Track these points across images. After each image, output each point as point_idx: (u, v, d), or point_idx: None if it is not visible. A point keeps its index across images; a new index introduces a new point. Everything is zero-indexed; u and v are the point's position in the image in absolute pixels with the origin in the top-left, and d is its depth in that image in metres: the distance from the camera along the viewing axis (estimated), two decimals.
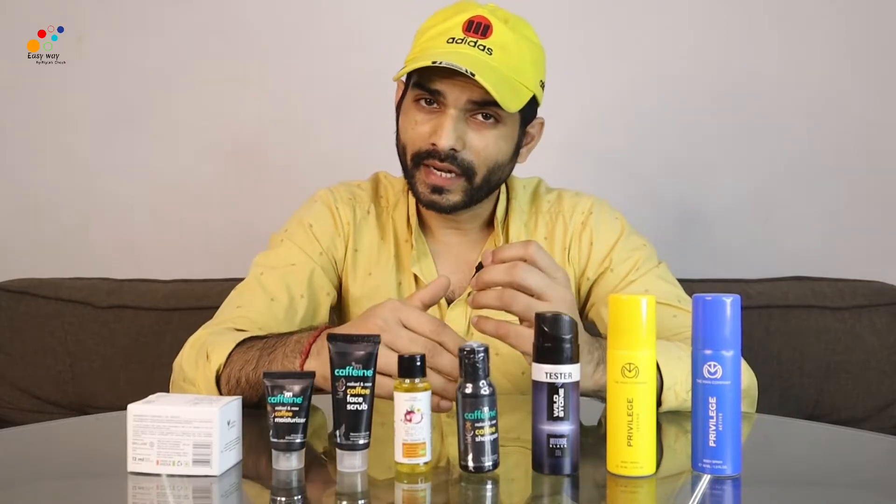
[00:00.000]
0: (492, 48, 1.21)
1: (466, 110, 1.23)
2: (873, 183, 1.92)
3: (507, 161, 1.29)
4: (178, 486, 0.84)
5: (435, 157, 1.23)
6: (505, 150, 1.27)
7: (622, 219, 1.40)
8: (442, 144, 1.22)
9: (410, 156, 1.27)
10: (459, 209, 1.28)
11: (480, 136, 1.24)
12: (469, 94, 1.21)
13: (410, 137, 1.27)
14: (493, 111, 1.23)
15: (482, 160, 1.25)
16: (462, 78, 1.19)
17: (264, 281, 1.31)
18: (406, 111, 1.29)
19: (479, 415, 0.84)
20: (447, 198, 1.26)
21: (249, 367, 1.09)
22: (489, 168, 1.26)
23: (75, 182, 2.02)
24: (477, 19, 1.22)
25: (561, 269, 1.02)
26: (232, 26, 1.99)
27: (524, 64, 1.24)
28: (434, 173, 1.24)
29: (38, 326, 1.76)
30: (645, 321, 0.84)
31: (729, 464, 0.84)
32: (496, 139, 1.25)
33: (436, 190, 1.25)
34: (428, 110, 1.25)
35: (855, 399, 1.67)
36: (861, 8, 1.90)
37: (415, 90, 1.26)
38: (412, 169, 1.27)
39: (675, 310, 1.27)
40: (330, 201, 1.39)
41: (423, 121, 1.25)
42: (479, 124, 1.24)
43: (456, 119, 1.22)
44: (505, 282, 0.98)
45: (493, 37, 1.21)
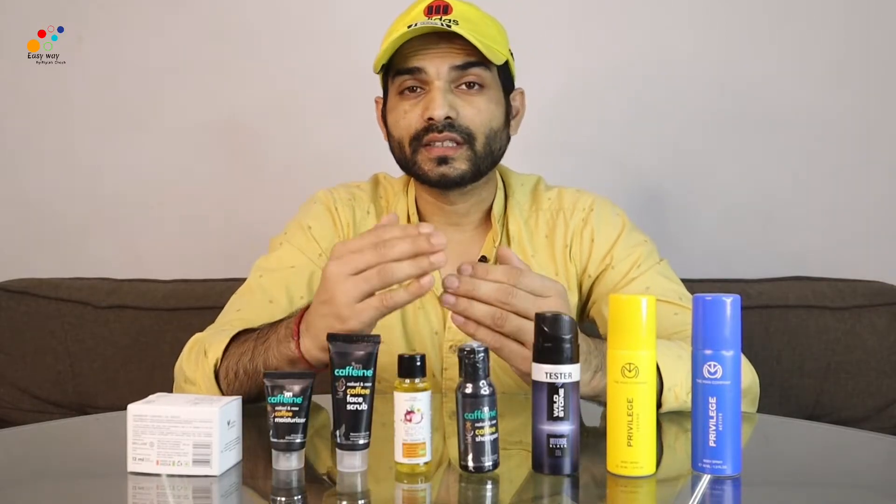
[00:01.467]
0: (457, 20, 1.23)
1: (451, 80, 1.25)
2: (873, 183, 1.92)
3: (501, 127, 1.31)
4: (178, 486, 0.84)
5: (433, 129, 1.25)
6: (497, 116, 1.29)
7: (623, 215, 1.40)
8: (437, 114, 1.23)
9: (408, 141, 1.28)
10: (468, 179, 1.28)
11: (470, 103, 1.26)
12: (450, 61, 1.24)
13: (404, 125, 1.28)
14: (476, 76, 1.26)
15: (478, 126, 1.26)
16: (439, 47, 1.23)
17: (264, 283, 1.31)
18: (392, 108, 1.30)
19: (479, 415, 0.84)
20: (454, 167, 1.26)
21: (246, 359, 1.10)
22: (486, 134, 1.27)
23: (75, 182, 2.02)
24: (436, 3, 1.26)
25: (554, 285, 1.01)
26: (231, 26, 1.99)
27: (492, 32, 1.28)
28: (436, 146, 1.25)
29: (38, 326, 1.76)
30: (645, 321, 0.84)
31: (729, 464, 0.84)
32: (486, 104, 1.27)
33: (442, 161, 1.26)
34: (413, 96, 1.27)
35: (855, 399, 1.67)
36: (861, 8, 1.90)
37: (396, 80, 1.28)
38: (412, 155, 1.28)
39: (677, 307, 1.27)
40: (329, 202, 1.39)
41: (411, 107, 1.27)
42: (466, 93, 1.27)
43: (444, 90, 1.25)
44: (498, 302, 0.97)
45: (454, 13, 1.25)
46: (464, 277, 0.99)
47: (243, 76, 1.99)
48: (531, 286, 0.98)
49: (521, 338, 0.97)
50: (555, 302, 0.99)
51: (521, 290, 0.97)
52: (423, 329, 1.33)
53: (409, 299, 0.99)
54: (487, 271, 0.99)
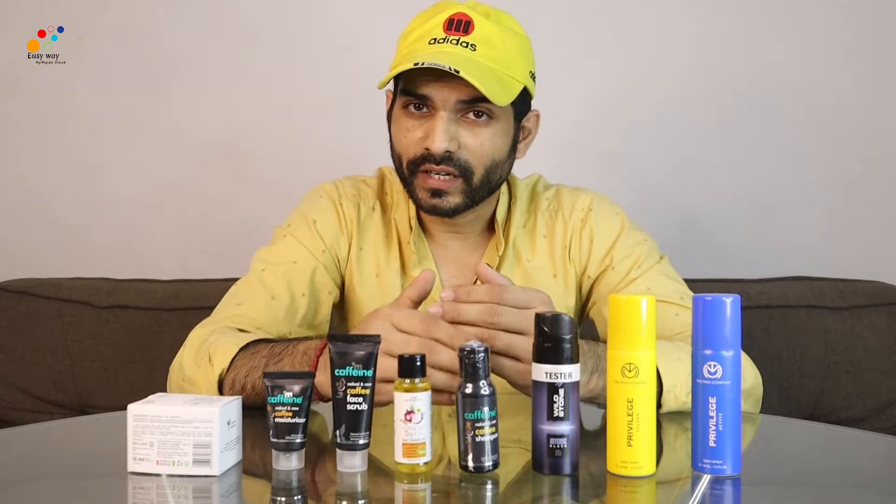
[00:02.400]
0: (475, 44, 1.19)
1: (457, 110, 1.21)
2: (873, 183, 1.92)
3: (504, 158, 1.27)
4: (178, 486, 0.84)
5: (430, 160, 1.21)
6: (501, 147, 1.25)
7: (622, 214, 1.38)
8: (435, 148, 1.20)
9: (406, 164, 1.25)
10: (461, 211, 1.26)
11: (474, 134, 1.22)
12: (457, 94, 1.19)
13: (404, 145, 1.25)
14: (484, 108, 1.21)
15: (478, 159, 1.23)
16: (448, 78, 1.17)
17: (265, 278, 1.30)
18: (396, 119, 1.27)
19: (479, 415, 0.84)
20: (447, 200, 1.23)
21: (255, 375, 1.08)
22: (486, 167, 1.24)
23: (75, 182, 2.02)
24: (457, 17, 1.20)
25: (537, 294, 1.00)
26: (231, 26, 1.99)
27: (511, 56, 1.22)
28: (432, 177, 1.22)
29: (38, 326, 1.76)
30: (645, 321, 0.84)
31: (729, 464, 0.84)
32: (491, 136, 1.23)
33: (435, 194, 1.23)
34: (418, 116, 1.23)
35: (855, 399, 1.67)
36: (861, 8, 1.90)
37: (402, 97, 1.24)
38: (409, 177, 1.26)
39: (678, 308, 1.26)
40: (335, 197, 1.38)
41: (414, 127, 1.23)
42: (472, 123, 1.22)
43: (447, 121, 1.20)
44: (484, 323, 0.96)
45: (475, 32, 1.19)
46: (446, 304, 0.97)
47: (243, 76, 1.99)
48: (515, 300, 0.97)
49: (513, 353, 0.97)
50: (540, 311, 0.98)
51: (505, 308, 0.97)
52: None
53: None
54: (469, 293, 0.98)
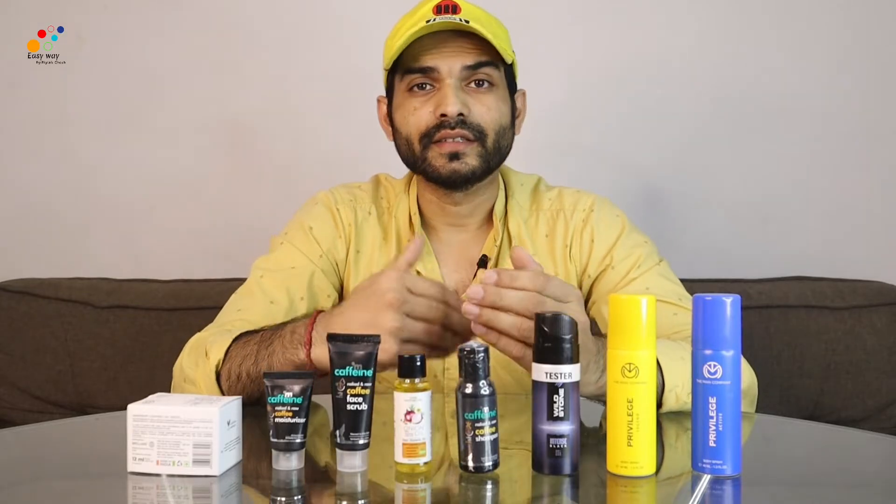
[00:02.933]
0: (468, 19, 1.24)
1: (461, 79, 1.26)
2: (873, 183, 1.92)
3: (508, 125, 1.32)
4: (178, 486, 0.84)
5: (445, 126, 1.25)
6: (505, 113, 1.31)
7: (623, 216, 1.40)
8: (450, 110, 1.24)
9: (419, 138, 1.28)
10: (479, 176, 1.29)
11: (480, 101, 1.28)
12: (462, 60, 1.26)
13: (414, 123, 1.28)
14: (485, 75, 1.27)
15: (489, 122, 1.28)
16: (450, 46, 1.24)
17: (264, 284, 1.31)
18: (400, 105, 1.30)
19: (479, 415, 0.84)
20: (466, 162, 1.26)
21: (249, 362, 1.10)
22: (496, 131, 1.29)
23: (75, 182, 2.02)
24: (444, 2, 1.26)
25: (573, 291, 0.99)
26: (232, 26, 1.99)
27: (499, 32, 1.30)
28: (448, 141, 1.26)
29: (38, 326, 1.76)
30: (645, 321, 0.84)
31: (729, 464, 0.84)
32: (496, 102, 1.29)
33: (453, 156, 1.26)
34: (423, 94, 1.28)
35: (855, 399, 1.67)
36: (862, 8, 1.90)
37: (406, 78, 1.28)
38: (423, 151, 1.28)
39: (676, 308, 1.27)
40: (330, 203, 1.39)
41: (421, 104, 1.28)
42: (476, 91, 1.28)
43: (455, 87, 1.26)
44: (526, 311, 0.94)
45: (463, 12, 1.25)
46: (489, 287, 0.95)
47: (243, 76, 1.99)
48: (556, 292, 0.96)
49: None
50: (575, 307, 0.98)
51: (548, 298, 0.95)
52: None
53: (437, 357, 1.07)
54: (513, 279, 0.95)
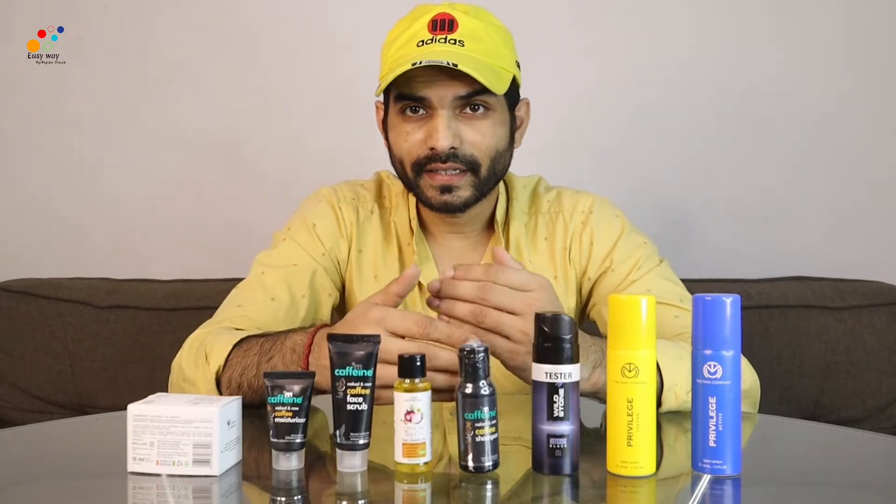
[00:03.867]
0: (463, 40, 1.21)
1: (455, 107, 1.23)
2: (873, 183, 1.92)
3: (506, 148, 1.29)
4: (178, 486, 0.84)
5: (436, 159, 1.23)
6: (502, 137, 1.28)
7: (622, 217, 1.39)
8: (440, 146, 1.21)
9: (410, 166, 1.26)
10: (471, 204, 1.27)
11: (474, 128, 1.24)
12: (454, 91, 1.21)
13: (406, 149, 1.26)
14: (480, 101, 1.23)
15: (483, 152, 1.25)
16: (444, 77, 1.19)
17: (265, 280, 1.31)
18: (394, 126, 1.28)
19: (479, 415, 0.84)
20: (458, 195, 1.25)
21: (251, 373, 1.09)
22: (491, 158, 1.26)
23: (75, 182, 2.02)
24: (440, 17, 1.22)
25: (537, 279, 1.02)
26: (231, 26, 1.99)
27: (498, 47, 1.25)
28: (439, 174, 1.24)
29: (38, 326, 1.76)
30: (645, 321, 0.84)
31: (729, 464, 0.84)
32: (491, 128, 1.25)
33: (445, 189, 1.25)
34: (416, 118, 1.25)
35: (855, 399, 1.67)
36: (861, 8, 1.90)
37: (398, 102, 1.25)
38: (415, 179, 1.27)
39: (677, 310, 1.27)
40: (333, 201, 1.39)
41: (413, 129, 1.25)
42: (470, 117, 1.24)
43: (447, 118, 1.22)
44: (476, 299, 0.99)
45: (460, 29, 1.22)
46: (445, 279, 1.01)
47: (243, 76, 1.99)
48: (509, 281, 1.00)
49: (503, 332, 0.99)
50: (537, 295, 1.00)
51: (498, 286, 0.99)
52: None
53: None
54: (467, 272, 1.01)
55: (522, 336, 0.99)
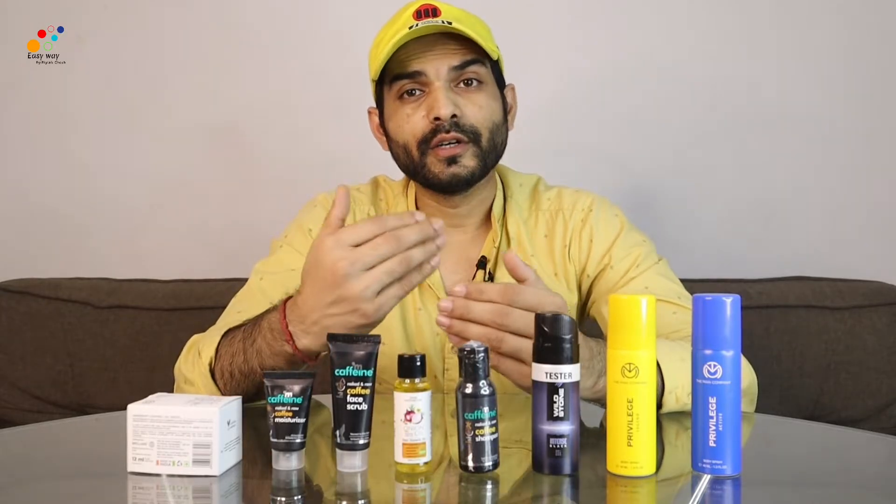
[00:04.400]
0: (450, 21, 1.24)
1: (450, 80, 1.26)
2: (873, 183, 1.92)
3: (501, 121, 1.32)
4: (178, 486, 0.84)
5: (440, 131, 1.25)
6: (497, 110, 1.31)
7: (621, 215, 1.40)
8: (443, 113, 1.24)
9: (416, 145, 1.28)
10: (478, 176, 1.29)
11: (471, 100, 1.27)
12: (449, 62, 1.26)
13: (409, 129, 1.28)
14: (473, 74, 1.27)
15: (482, 122, 1.28)
16: (436, 49, 1.24)
17: (264, 286, 1.31)
18: (393, 114, 1.31)
19: (479, 415, 0.84)
20: (464, 164, 1.27)
21: (239, 360, 1.11)
22: (490, 129, 1.29)
23: (75, 182, 2.02)
24: (423, 7, 1.26)
25: (553, 299, 0.98)
26: (232, 27, 1.99)
27: (482, 31, 1.29)
28: (444, 147, 1.26)
29: (38, 326, 1.76)
30: (645, 321, 0.84)
31: (729, 464, 0.84)
32: (486, 99, 1.29)
33: (451, 161, 1.27)
34: (414, 99, 1.28)
35: (855, 399, 1.67)
36: (861, 8, 1.90)
37: (395, 86, 1.28)
38: (421, 158, 1.28)
39: (675, 307, 1.27)
40: (328, 205, 1.39)
41: (413, 110, 1.28)
42: (465, 91, 1.28)
43: (445, 89, 1.26)
44: (493, 323, 0.95)
45: (444, 14, 1.25)
46: (457, 300, 0.96)
47: (243, 77, 1.99)
48: (528, 303, 0.95)
49: (519, 357, 0.95)
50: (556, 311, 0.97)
51: (516, 310, 0.95)
52: (424, 330, 1.33)
53: (421, 280, 1.01)
54: (481, 291, 0.96)
55: None
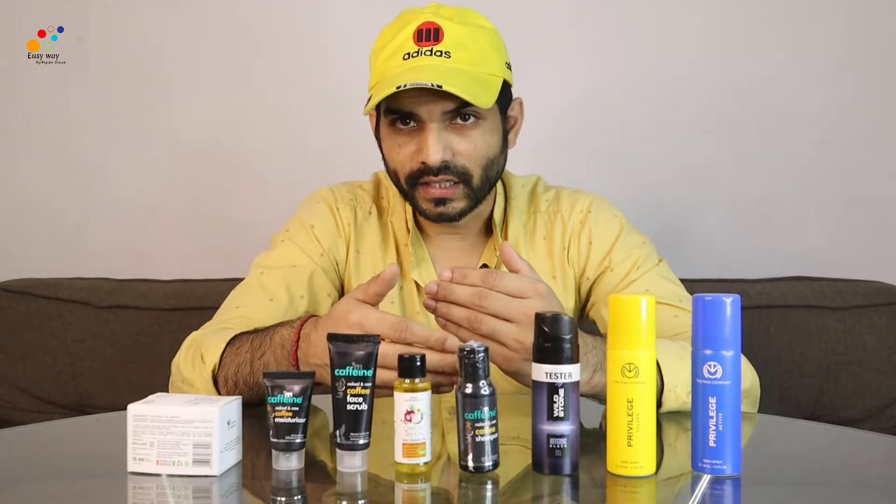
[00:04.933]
0: (449, 51, 1.20)
1: (445, 119, 1.22)
2: (873, 183, 1.92)
3: (498, 153, 1.29)
4: (178, 486, 0.84)
5: (428, 173, 1.23)
6: (493, 144, 1.27)
7: (621, 216, 1.39)
8: (431, 160, 1.21)
9: (404, 179, 1.27)
10: (467, 213, 1.28)
11: (466, 139, 1.24)
12: (442, 106, 1.21)
13: (399, 161, 1.26)
14: (471, 111, 1.23)
15: (474, 161, 1.24)
16: (432, 92, 1.18)
17: (264, 281, 1.31)
18: (386, 137, 1.28)
19: (479, 415, 0.84)
20: (453, 206, 1.25)
21: (245, 371, 1.10)
22: (483, 167, 1.26)
23: (75, 182, 2.02)
24: (425, 26, 1.21)
25: (534, 285, 1.00)
26: (232, 26, 1.99)
27: (485, 54, 1.23)
28: (433, 187, 1.24)
29: (38, 326, 1.76)
30: (645, 321, 0.84)
31: (729, 464, 0.84)
32: (482, 136, 1.25)
33: (439, 202, 1.25)
34: (407, 131, 1.24)
35: (855, 399, 1.67)
36: (861, 9, 1.90)
37: (388, 116, 1.25)
38: (410, 190, 1.27)
39: (676, 309, 1.27)
40: (331, 201, 1.39)
41: (405, 142, 1.25)
42: (461, 128, 1.23)
43: (437, 131, 1.21)
44: (472, 305, 0.99)
45: (446, 38, 1.20)
46: (442, 283, 1.01)
47: (243, 76, 1.99)
48: (507, 288, 0.99)
49: (498, 338, 0.99)
50: (534, 303, 0.98)
51: (494, 293, 0.98)
52: None
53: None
54: (464, 276, 1.00)
55: (517, 344, 0.98)
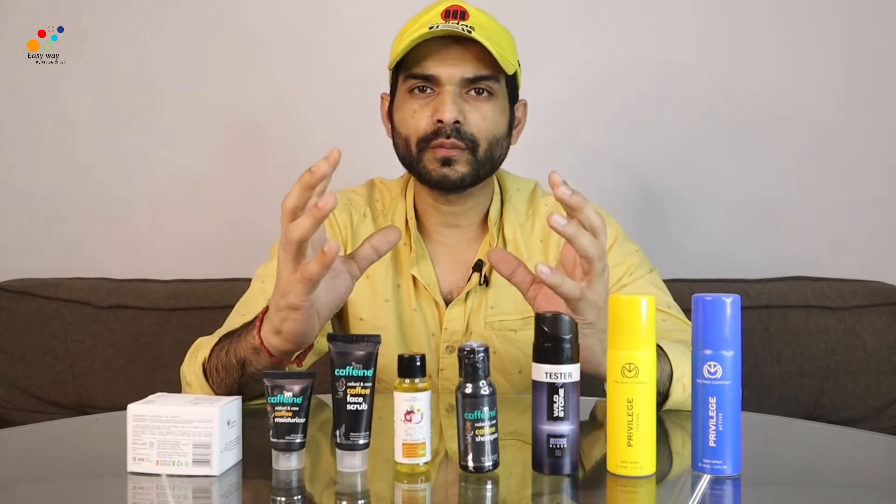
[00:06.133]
0: (473, 27, 1.26)
1: (461, 86, 1.28)
2: (873, 183, 1.92)
3: (503, 135, 1.33)
4: (178, 486, 0.84)
5: (441, 134, 1.27)
6: (501, 124, 1.31)
7: (617, 225, 1.41)
8: (447, 117, 1.25)
9: (416, 142, 1.29)
10: (468, 182, 1.30)
11: (477, 110, 1.28)
12: (462, 72, 1.27)
13: (412, 125, 1.29)
14: (485, 86, 1.28)
15: (482, 133, 1.28)
16: (454, 57, 1.26)
17: (266, 289, 1.32)
18: (401, 105, 1.32)
19: (479, 415, 0.84)
20: (456, 169, 1.28)
21: (223, 353, 1.14)
22: (489, 141, 1.29)
23: (75, 182, 2.02)
24: (453, 8, 1.28)
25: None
26: (232, 26, 1.99)
27: (504, 42, 1.30)
28: (441, 148, 1.27)
29: (38, 326, 1.76)
30: (645, 321, 0.84)
31: (729, 464, 0.84)
32: (492, 111, 1.29)
33: (445, 162, 1.27)
34: (423, 97, 1.29)
35: (855, 399, 1.67)
36: (861, 8, 1.90)
37: (408, 81, 1.30)
38: (419, 154, 1.29)
39: (664, 314, 1.29)
40: None
41: (420, 107, 1.29)
42: (475, 99, 1.29)
43: (454, 94, 1.27)
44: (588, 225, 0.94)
45: (471, 19, 1.27)
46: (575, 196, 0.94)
47: (244, 76, 1.99)
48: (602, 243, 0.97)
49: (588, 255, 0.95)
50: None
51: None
52: (419, 331, 1.34)
53: (314, 237, 1.04)
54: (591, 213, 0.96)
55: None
